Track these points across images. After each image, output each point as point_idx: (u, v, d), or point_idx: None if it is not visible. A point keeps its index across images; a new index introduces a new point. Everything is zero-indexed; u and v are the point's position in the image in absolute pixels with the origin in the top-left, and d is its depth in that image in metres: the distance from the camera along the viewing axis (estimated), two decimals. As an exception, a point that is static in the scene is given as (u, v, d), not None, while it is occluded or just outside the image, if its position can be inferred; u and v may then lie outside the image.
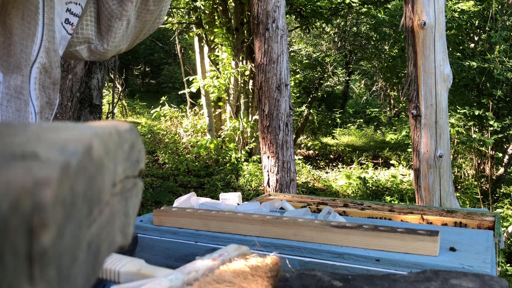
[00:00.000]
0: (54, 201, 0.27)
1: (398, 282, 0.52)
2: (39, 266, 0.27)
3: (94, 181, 0.34)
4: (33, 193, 0.26)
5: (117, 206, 0.40)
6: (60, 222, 0.28)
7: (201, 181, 6.44)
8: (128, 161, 0.41)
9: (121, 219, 0.41)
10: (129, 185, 0.42)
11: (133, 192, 0.44)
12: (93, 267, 0.36)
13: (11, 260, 0.26)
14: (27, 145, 0.31)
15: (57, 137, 0.33)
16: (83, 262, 0.33)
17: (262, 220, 0.85)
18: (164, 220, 0.92)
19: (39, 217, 0.27)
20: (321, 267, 0.75)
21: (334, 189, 6.52)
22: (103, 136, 0.35)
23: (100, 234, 0.36)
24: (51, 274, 0.28)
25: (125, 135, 0.40)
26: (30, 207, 0.26)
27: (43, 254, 0.27)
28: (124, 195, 0.41)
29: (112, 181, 0.38)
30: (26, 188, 0.26)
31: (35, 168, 0.28)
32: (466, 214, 1.09)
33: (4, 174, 0.27)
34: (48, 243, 0.27)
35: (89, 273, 0.35)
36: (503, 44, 5.20)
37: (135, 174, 0.44)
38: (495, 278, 0.51)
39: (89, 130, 0.35)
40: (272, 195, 1.35)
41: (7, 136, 0.33)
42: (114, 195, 0.39)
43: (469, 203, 5.33)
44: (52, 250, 0.28)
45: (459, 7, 6.30)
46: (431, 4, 2.22)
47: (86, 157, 0.32)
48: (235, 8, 7.27)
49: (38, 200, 0.26)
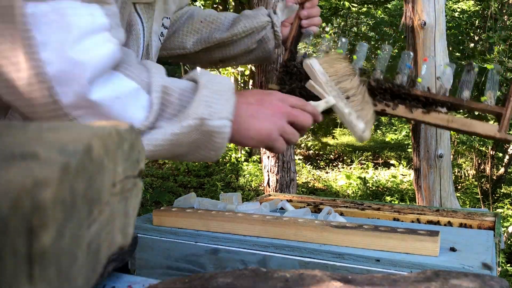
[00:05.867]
0: (54, 201, 0.27)
1: (398, 282, 0.52)
2: (39, 266, 0.27)
3: (94, 181, 0.34)
4: (33, 193, 0.26)
5: (117, 206, 0.40)
6: (60, 222, 0.28)
7: (201, 181, 6.44)
8: (128, 161, 0.41)
9: (121, 219, 0.41)
10: (129, 185, 0.42)
11: (133, 192, 0.44)
12: (93, 267, 0.36)
13: (11, 260, 0.26)
14: (27, 145, 0.31)
15: (57, 137, 0.33)
16: (83, 262, 0.33)
17: (262, 220, 0.85)
18: (164, 220, 0.92)
19: (39, 217, 0.27)
20: (321, 267, 0.75)
21: (334, 189, 6.52)
22: (103, 136, 0.35)
23: (100, 234, 0.36)
24: (51, 274, 0.28)
25: (125, 135, 0.40)
26: (30, 207, 0.26)
27: (43, 254, 0.27)
28: (124, 195, 0.41)
29: (112, 181, 0.38)
30: (26, 188, 0.26)
31: (35, 168, 0.28)
32: (467, 214, 1.09)
33: (4, 174, 0.27)
34: (48, 243, 0.27)
35: (89, 273, 0.35)
36: (502, 44, 5.21)
37: (135, 174, 0.44)
38: (496, 278, 0.51)
39: (89, 130, 0.35)
40: (272, 195, 1.35)
41: (7, 136, 0.33)
42: (114, 195, 0.39)
43: (469, 203, 5.33)
44: (52, 250, 0.28)
45: (459, 6, 6.30)
46: (432, 4, 2.23)
47: (86, 157, 0.32)
48: (235, 8, 7.27)
49: (38, 200, 0.26)
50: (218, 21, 1.29)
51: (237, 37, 1.26)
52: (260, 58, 1.33)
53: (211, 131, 0.82)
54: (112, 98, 0.76)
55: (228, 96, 0.85)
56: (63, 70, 0.72)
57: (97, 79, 0.75)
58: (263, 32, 1.27)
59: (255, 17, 1.26)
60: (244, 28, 1.25)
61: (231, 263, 0.83)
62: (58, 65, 0.72)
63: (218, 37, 1.26)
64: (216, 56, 1.31)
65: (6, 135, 0.33)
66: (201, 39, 1.28)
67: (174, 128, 0.80)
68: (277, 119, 0.89)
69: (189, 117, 0.80)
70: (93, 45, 0.75)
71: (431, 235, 0.74)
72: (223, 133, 0.83)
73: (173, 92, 0.82)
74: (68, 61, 0.72)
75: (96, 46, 0.76)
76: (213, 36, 1.27)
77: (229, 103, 0.84)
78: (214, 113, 0.82)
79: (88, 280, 0.35)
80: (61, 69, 0.72)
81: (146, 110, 0.80)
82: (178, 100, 0.82)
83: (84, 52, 0.74)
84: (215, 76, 0.87)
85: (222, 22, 1.29)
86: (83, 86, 0.73)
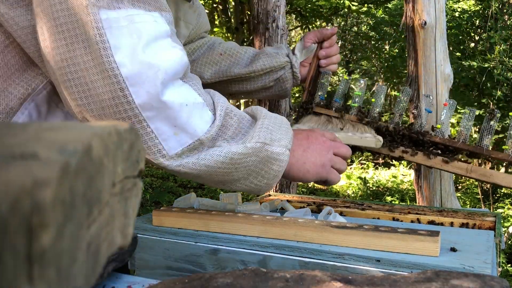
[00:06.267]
0: (54, 201, 0.27)
1: (398, 282, 0.51)
2: (39, 266, 0.27)
3: (93, 181, 0.34)
4: (33, 193, 0.26)
5: (116, 206, 0.39)
6: (60, 222, 0.28)
7: (201, 181, 6.43)
8: (127, 161, 0.41)
9: (120, 219, 0.41)
10: (129, 185, 0.42)
11: (132, 192, 0.44)
12: (92, 267, 0.36)
13: (11, 260, 0.26)
14: (26, 145, 0.31)
15: (57, 137, 0.33)
16: (82, 262, 0.33)
17: (262, 221, 0.85)
18: (164, 220, 0.92)
19: (39, 217, 0.27)
20: (321, 268, 0.75)
21: (335, 189, 6.52)
22: (102, 136, 0.35)
23: (99, 234, 0.36)
24: (50, 274, 0.28)
25: (125, 135, 0.40)
26: (29, 207, 0.26)
27: (42, 254, 0.27)
28: (123, 195, 0.41)
29: (111, 181, 0.38)
30: (26, 188, 0.26)
31: (34, 168, 0.27)
32: (467, 214, 1.09)
33: (3, 174, 0.26)
34: (47, 243, 0.27)
35: (88, 273, 0.35)
36: (503, 44, 5.20)
37: (135, 174, 0.44)
38: (496, 278, 0.51)
39: (88, 130, 0.35)
40: (272, 195, 1.35)
41: (7, 136, 0.33)
42: (114, 195, 0.39)
43: (469, 203, 5.32)
44: (52, 250, 0.28)
45: (460, 6, 6.30)
46: (432, 4, 2.22)
47: (86, 157, 0.32)
48: (235, 8, 7.27)
49: (38, 200, 0.26)
50: (238, 55, 1.32)
51: (255, 74, 1.29)
52: (276, 95, 1.36)
53: (271, 157, 0.85)
54: (181, 104, 0.80)
55: (287, 128, 0.90)
56: (137, 72, 0.76)
57: (169, 83, 0.79)
58: (282, 71, 1.29)
59: (274, 56, 1.28)
60: (262, 67, 1.27)
61: (231, 263, 0.83)
62: (131, 67, 0.76)
63: (236, 72, 1.29)
64: (233, 89, 1.33)
65: (6, 135, 0.33)
66: (219, 71, 1.31)
67: (238, 148, 0.83)
68: (326, 152, 0.95)
69: (252, 139, 0.84)
70: (161, 50, 0.79)
71: (431, 235, 0.74)
72: (281, 161, 0.86)
73: (234, 116, 0.86)
74: (141, 63, 0.76)
75: (165, 51, 0.79)
76: (231, 70, 1.29)
77: (288, 134, 0.89)
78: (275, 140, 0.85)
79: (88, 280, 0.35)
80: (135, 71, 0.76)
81: (209, 125, 0.83)
82: (237, 124, 0.86)
83: (155, 56, 0.77)
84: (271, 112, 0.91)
85: (241, 57, 1.31)
86: (156, 87, 0.77)
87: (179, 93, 0.80)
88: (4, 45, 0.88)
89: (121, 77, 0.76)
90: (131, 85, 0.76)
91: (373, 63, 8.85)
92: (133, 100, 0.76)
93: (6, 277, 0.26)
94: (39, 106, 0.91)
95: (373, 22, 7.66)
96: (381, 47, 8.08)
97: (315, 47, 1.31)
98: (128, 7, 0.77)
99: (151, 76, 0.76)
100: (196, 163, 0.82)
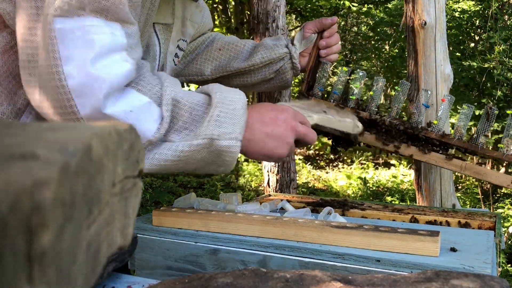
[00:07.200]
0: (54, 201, 0.27)
1: (398, 282, 0.51)
2: (39, 266, 0.27)
3: (93, 181, 0.34)
4: (33, 193, 0.26)
5: (116, 206, 0.39)
6: (60, 222, 0.28)
7: (201, 181, 6.44)
8: (127, 161, 0.41)
9: (120, 219, 0.41)
10: (129, 185, 0.42)
11: (132, 192, 0.44)
12: (92, 268, 0.36)
13: (11, 260, 0.26)
14: (26, 145, 0.31)
15: (57, 137, 0.33)
16: (82, 262, 0.33)
17: (262, 221, 0.85)
18: (164, 221, 0.92)
19: (39, 217, 0.26)
20: (321, 268, 0.75)
21: (335, 189, 6.52)
22: (102, 136, 0.35)
23: (99, 234, 0.36)
24: (50, 274, 0.28)
25: (125, 135, 0.40)
26: (29, 207, 0.26)
27: (42, 254, 0.27)
28: (123, 195, 0.41)
29: (111, 181, 0.38)
30: (26, 188, 0.26)
31: (34, 168, 0.27)
32: (467, 214, 1.09)
33: (3, 174, 0.26)
34: (47, 243, 0.27)
35: (88, 273, 0.35)
36: (502, 44, 5.20)
37: (135, 174, 0.44)
38: (496, 278, 0.51)
39: (88, 130, 0.35)
40: (272, 195, 1.35)
41: (7, 136, 0.33)
42: (114, 195, 0.39)
43: (469, 203, 5.32)
44: (52, 250, 0.28)
45: (460, 6, 6.29)
46: (432, 4, 2.22)
47: (86, 157, 0.32)
48: (234, 8, 7.27)
49: (38, 200, 0.26)
50: (237, 49, 1.32)
51: (254, 67, 1.29)
52: (278, 86, 1.36)
53: (221, 150, 0.86)
54: (126, 112, 0.81)
55: (240, 116, 0.87)
56: (83, 84, 0.77)
57: (112, 95, 0.79)
58: (281, 63, 1.29)
59: (273, 48, 1.28)
60: (262, 59, 1.27)
61: (231, 263, 0.83)
62: (78, 79, 0.77)
63: (236, 66, 1.29)
64: (235, 83, 1.33)
65: (5, 135, 0.33)
66: (219, 67, 1.31)
67: (184, 146, 0.84)
68: (289, 139, 0.93)
69: (199, 136, 0.84)
70: (112, 63, 0.79)
71: (431, 235, 0.74)
72: (231, 152, 0.86)
73: (183, 105, 0.85)
74: (88, 76, 0.77)
75: (115, 64, 0.80)
76: (230, 65, 1.30)
77: (240, 123, 0.87)
78: (224, 133, 0.85)
79: (88, 280, 0.35)
80: (81, 83, 0.77)
81: (158, 122, 0.83)
82: (188, 114, 0.85)
83: (103, 69, 0.78)
84: (228, 92, 0.89)
85: (240, 51, 1.32)
86: (99, 101, 0.78)
87: (122, 102, 0.81)
88: (10, 46, 0.89)
89: (67, 88, 0.77)
90: (76, 97, 0.77)
91: (373, 63, 8.85)
92: (78, 112, 0.78)
93: (6, 277, 0.26)
94: None
95: (373, 22, 7.65)
96: (381, 47, 8.07)
97: (314, 37, 1.30)
98: (89, 16, 0.77)
99: (97, 89, 0.77)
100: (149, 163, 0.84)
